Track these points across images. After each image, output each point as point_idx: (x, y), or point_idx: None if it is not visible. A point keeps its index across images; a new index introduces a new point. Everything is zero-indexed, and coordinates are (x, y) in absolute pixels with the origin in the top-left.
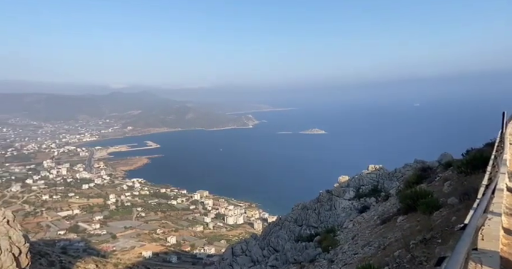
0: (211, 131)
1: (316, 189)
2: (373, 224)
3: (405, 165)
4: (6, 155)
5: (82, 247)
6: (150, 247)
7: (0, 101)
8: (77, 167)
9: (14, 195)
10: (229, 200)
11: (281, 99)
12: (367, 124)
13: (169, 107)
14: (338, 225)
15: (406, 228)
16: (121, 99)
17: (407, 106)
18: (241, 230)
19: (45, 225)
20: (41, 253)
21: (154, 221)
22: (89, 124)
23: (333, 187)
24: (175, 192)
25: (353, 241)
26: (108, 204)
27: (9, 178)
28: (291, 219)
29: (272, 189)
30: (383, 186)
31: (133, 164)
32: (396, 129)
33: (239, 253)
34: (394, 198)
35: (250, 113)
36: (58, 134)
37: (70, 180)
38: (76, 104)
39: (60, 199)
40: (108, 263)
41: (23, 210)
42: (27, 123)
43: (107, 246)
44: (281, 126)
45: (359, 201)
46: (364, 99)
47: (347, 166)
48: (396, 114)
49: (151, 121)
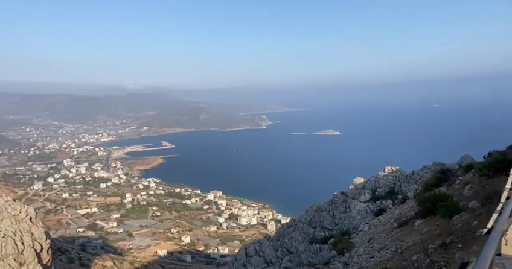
0: (225, 131)
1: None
2: (390, 227)
3: (423, 167)
4: (29, 154)
5: (100, 245)
6: (164, 246)
7: (25, 101)
8: (95, 166)
9: (37, 193)
10: (243, 201)
11: (295, 99)
12: (383, 125)
13: (184, 108)
14: (353, 227)
15: (425, 232)
16: (137, 100)
17: (425, 107)
18: (255, 231)
19: (65, 223)
20: (61, 249)
21: (168, 220)
22: (106, 124)
23: (348, 189)
24: (189, 192)
25: (369, 244)
26: (124, 203)
27: (32, 176)
28: (305, 220)
29: (285, 190)
30: (400, 189)
31: (148, 164)
32: (413, 130)
33: (252, 253)
34: (412, 201)
35: (263, 113)
36: (77, 134)
37: (89, 178)
38: (95, 104)
39: (79, 197)
40: (124, 261)
41: (45, 207)
42: (49, 124)
43: (124, 244)
44: (294, 127)
45: (375, 204)
46: (381, 100)
47: (362, 168)
48: (414, 115)
49: (166, 121)
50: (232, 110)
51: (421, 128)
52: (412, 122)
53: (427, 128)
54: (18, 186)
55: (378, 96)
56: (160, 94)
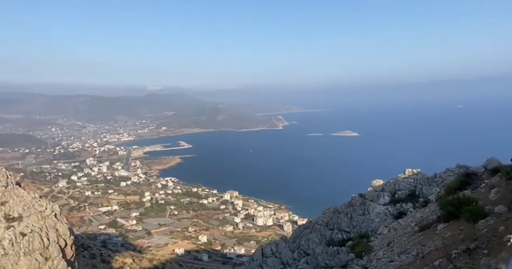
0: (241, 132)
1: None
2: (410, 231)
3: (446, 170)
4: (54, 153)
5: (120, 242)
6: (182, 245)
7: (51, 102)
8: (116, 165)
9: (61, 191)
10: (259, 201)
11: (312, 100)
12: (404, 127)
13: (201, 108)
14: (372, 230)
15: (448, 237)
16: (156, 101)
17: (450, 108)
18: (271, 232)
19: (87, 220)
20: (84, 245)
21: (186, 219)
22: (127, 124)
23: (366, 191)
24: (206, 192)
25: (388, 248)
26: (143, 202)
27: (57, 174)
28: (322, 222)
29: (302, 192)
30: (421, 192)
31: (166, 164)
32: (436, 132)
33: (269, 254)
34: (434, 205)
35: (280, 114)
36: (99, 133)
37: (110, 177)
38: (116, 105)
39: (100, 195)
40: (143, 259)
41: (69, 204)
42: (73, 123)
43: (143, 242)
44: (311, 128)
45: (395, 207)
46: (402, 100)
47: (381, 170)
48: (437, 117)
49: (184, 122)
50: (249, 111)
51: (444, 129)
52: (435, 123)
53: (450, 129)
54: (44, 184)
55: (399, 96)
56: (178, 95)
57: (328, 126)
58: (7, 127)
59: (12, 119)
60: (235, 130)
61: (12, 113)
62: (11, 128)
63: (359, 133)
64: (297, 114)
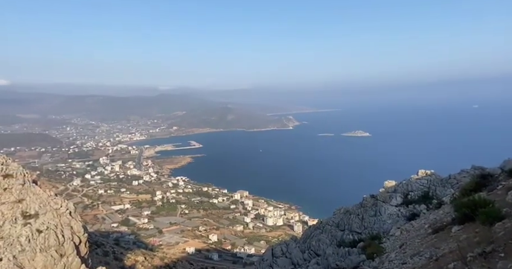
0: (251, 132)
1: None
2: (423, 233)
3: (461, 171)
4: (69, 152)
5: (132, 240)
6: (192, 243)
7: (66, 102)
8: (128, 164)
9: (75, 189)
10: (269, 201)
11: (323, 100)
12: (417, 127)
13: (212, 108)
14: (383, 232)
15: (462, 239)
16: (167, 101)
17: (465, 108)
18: (281, 232)
19: (101, 218)
20: (97, 243)
21: (196, 218)
22: (139, 124)
23: (378, 192)
24: (216, 191)
25: (401, 250)
26: (155, 200)
27: (71, 172)
28: (333, 223)
29: (312, 192)
30: (435, 193)
31: (177, 163)
32: (451, 132)
33: (279, 254)
34: (448, 206)
35: (290, 114)
36: (112, 133)
37: (122, 176)
38: (128, 105)
39: (113, 194)
40: (155, 257)
41: (83, 202)
42: (87, 123)
43: (154, 240)
44: (322, 128)
45: (407, 208)
46: (415, 100)
47: (393, 171)
48: (452, 117)
49: (194, 122)
50: (259, 111)
51: (459, 129)
52: (449, 124)
53: (466, 129)
54: (59, 182)
55: (413, 96)
56: (189, 95)
57: (339, 126)
58: (24, 126)
59: (29, 119)
60: (245, 130)
61: (29, 112)
62: (28, 127)
63: (370, 133)
64: (308, 114)
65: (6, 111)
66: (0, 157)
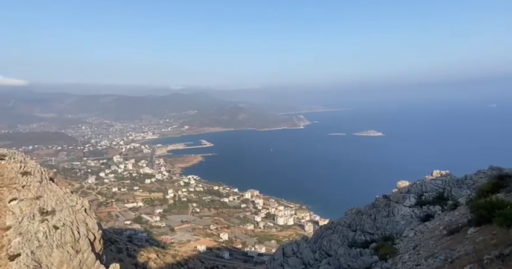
0: (262, 131)
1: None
2: (438, 235)
3: (478, 172)
4: (84, 150)
5: (145, 237)
6: (204, 242)
7: (81, 101)
8: (141, 163)
9: (90, 186)
10: (279, 201)
11: (334, 99)
12: (432, 126)
13: (223, 108)
14: (396, 233)
15: (479, 242)
16: (179, 100)
17: (482, 107)
18: (292, 231)
19: (114, 215)
20: (111, 240)
21: (207, 217)
22: (151, 123)
23: (391, 192)
24: (227, 190)
25: (414, 251)
26: (167, 199)
27: (86, 170)
28: (345, 223)
29: (323, 192)
30: (450, 194)
31: (189, 162)
32: (467, 132)
33: (290, 254)
34: (464, 208)
35: (301, 113)
36: (125, 132)
37: (135, 174)
38: (141, 104)
39: (126, 192)
40: (167, 254)
41: (97, 200)
42: (101, 122)
43: (166, 238)
44: (333, 128)
45: (421, 209)
46: (430, 100)
47: (406, 171)
48: (468, 116)
49: (206, 121)
50: (270, 110)
51: (476, 129)
52: (465, 123)
53: (483, 129)
54: (75, 180)
55: (427, 95)
56: (200, 94)
57: (350, 125)
58: (42, 125)
59: (46, 118)
60: (256, 129)
61: (46, 112)
62: (45, 126)
63: (384, 133)
64: (319, 113)
65: (25, 110)
66: (19, 155)
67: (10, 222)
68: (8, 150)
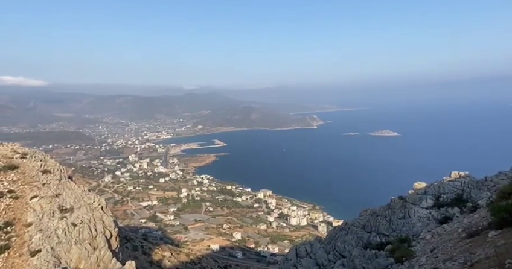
0: (275, 131)
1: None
2: (457, 237)
3: (499, 173)
4: (101, 150)
5: (159, 235)
6: (217, 241)
7: (98, 101)
8: (155, 162)
9: (107, 185)
10: (292, 201)
11: (348, 98)
12: (450, 126)
13: (236, 107)
14: (413, 235)
15: (500, 245)
16: (192, 100)
17: (501, 106)
18: (305, 232)
19: (130, 213)
20: (127, 237)
21: (220, 216)
22: (165, 123)
23: (407, 193)
24: (240, 190)
25: (432, 254)
26: (180, 198)
27: (103, 169)
28: (359, 224)
29: (337, 192)
30: (470, 196)
31: (202, 161)
32: (486, 132)
33: (303, 254)
34: (484, 210)
35: (314, 113)
36: (140, 131)
37: (150, 173)
38: (155, 104)
39: (141, 190)
40: (181, 253)
41: (113, 198)
42: (117, 122)
43: (180, 236)
44: (347, 127)
45: (439, 211)
46: (447, 99)
47: (423, 172)
48: (487, 116)
49: (219, 120)
50: (283, 110)
51: (495, 130)
52: (484, 124)
53: (502, 130)
54: (92, 178)
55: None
56: (212, 94)
57: (365, 125)
58: (61, 125)
59: (65, 118)
60: (269, 129)
61: (65, 112)
62: (64, 126)
63: (399, 133)
64: (332, 113)
65: (45, 110)
66: (39, 153)
67: (31, 219)
68: (30, 149)
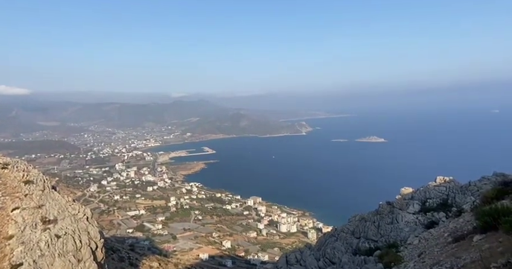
0: (264, 138)
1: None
2: (443, 242)
3: (482, 178)
4: (86, 158)
5: (147, 246)
6: (206, 250)
7: (84, 110)
8: (143, 170)
9: (92, 195)
10: (282, 207)
11: (336, 105)
12: (435, 133)
13: (225, 114)
14: (401, 240)
15: (485, 249)
16: (181, 107)
17: (484, 113)
18: (295, 239)
19: (116, 223)
20: (113, 248)
21: (210, 225)
22: (153, 131)
23: (394, 199)
24: (229, 197)
25: (419, 259)
26: (169, 206)
27: (88, 179)
28: (348, 230)
29: (326, 199)
30: (455, 200)
31: (191, 169)
32: (470, 138)
33: (293, 261)
34: (469, 214)
35: (303, 119)
36: (128, 139)
37: (137, 182)
38: (143, 112)
39: (128, 199)
40: (169, 263)
41: (99, 208)
42: (103, 130)
43: (168, 246)
44: (335, 134)
45: (425, 216)
46: (432, 105)
47: (410, 177)
48: (471, 122)
49: (208, 128)
50: (272, 117)
51: (478, 135)
52: (468, 130)
53: (485, 135)
54: (77, 188)
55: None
56: (201, 101)
57: (353, 132)
58: (44, 134)
59: (49, 126)
60: (258, 136)
61: (49, 120)
62: (48, 134)
63: (386, 139)
64: (321, 119)
65: (28, 119)
66: (22, 163)
67: (13, 231)
68: (11, 159)
